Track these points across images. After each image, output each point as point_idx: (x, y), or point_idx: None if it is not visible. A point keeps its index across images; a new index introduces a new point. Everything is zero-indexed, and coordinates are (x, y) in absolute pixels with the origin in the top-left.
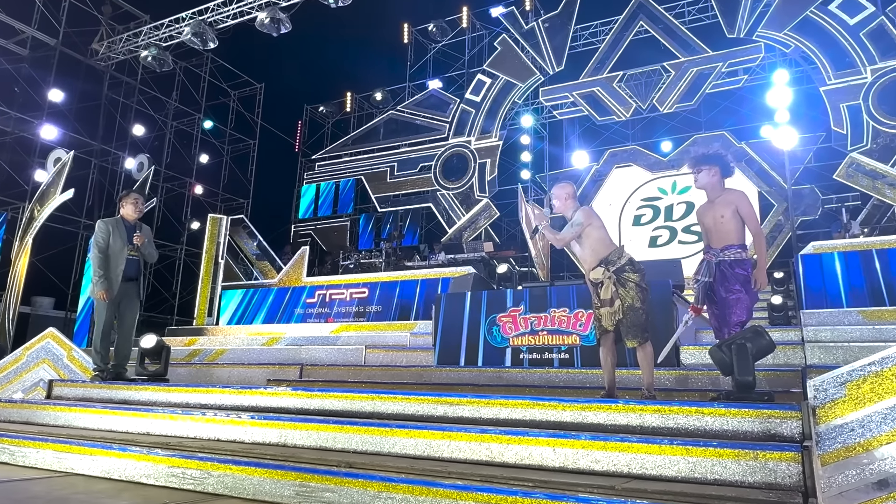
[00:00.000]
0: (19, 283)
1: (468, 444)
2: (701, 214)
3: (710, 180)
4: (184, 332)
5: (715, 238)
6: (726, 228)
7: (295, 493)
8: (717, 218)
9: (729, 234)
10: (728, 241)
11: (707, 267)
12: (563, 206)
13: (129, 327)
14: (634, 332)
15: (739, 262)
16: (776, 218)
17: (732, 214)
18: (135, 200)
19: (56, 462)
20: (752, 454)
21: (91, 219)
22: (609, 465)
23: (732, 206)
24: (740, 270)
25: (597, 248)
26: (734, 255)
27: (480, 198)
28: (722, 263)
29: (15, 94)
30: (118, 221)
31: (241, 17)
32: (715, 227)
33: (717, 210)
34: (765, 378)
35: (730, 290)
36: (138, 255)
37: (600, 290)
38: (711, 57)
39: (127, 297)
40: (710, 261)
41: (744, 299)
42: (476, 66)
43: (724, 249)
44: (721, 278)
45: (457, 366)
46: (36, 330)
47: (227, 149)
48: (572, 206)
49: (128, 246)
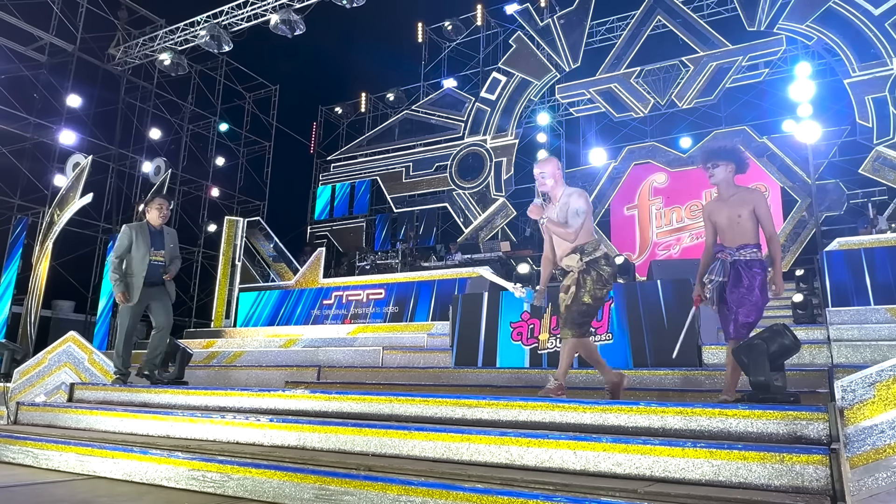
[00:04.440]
0: (40, 286)
1: (487, 447)
2: (712, 212)
3: (725, 176)
4: (202, 334)
5: (729, 237)
6: (743, 228)
7: (314, 496)
8: (734, 217)
9: (745, 234)
10: (744, 241)
11: (722, 266)
12: (556, 185)
13: (163, 325)
14: (572, 325)
15: (756, 262)
16: (800, 214)
17: (749, 215)
18: (160, 206)
19: (79, 465)
20: (779, 457)
21: (110, 222)
22: (631, 469)
23: (750, 206)
24: (757, 270)
25: (580, 235)
26: (750, 254)
27: (497, 197)
28: (738, 263)
29: (34, 100)
30: (143, 226)
31: (256, 20)
32: (730, 226)
33: (732, 209)
34: (791, 378)
35: (743, 290)
36: (164, 260)
37: (566, 279)
38: (731, 51)
39: (155, 299)
40: (725, 260)
41: (756, 300)
42: (491, 65)
43: (740, 249)
44: (735, 278)
45: (475, 367)
46: (57, 333)
47: (242, 151)
48: (562, 185)
49: (152, 251)
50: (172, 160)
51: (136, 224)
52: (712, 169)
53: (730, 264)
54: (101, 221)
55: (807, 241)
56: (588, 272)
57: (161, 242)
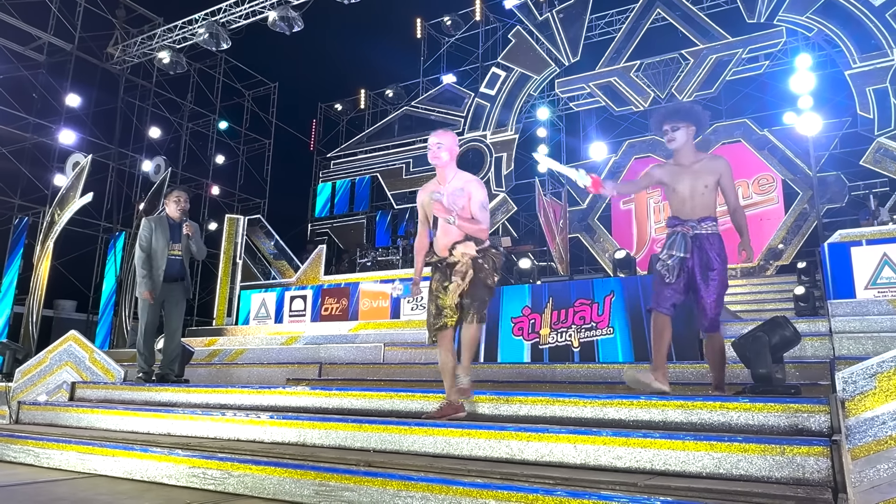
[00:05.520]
0: (41, 286)
1: (488, 442)
2: (672, 179)
3: (687, 140)
4: (203, 332)
5: (689, 208)
6: (706, 200)
7: (314, 493)
8: (698, 187)
9: (708, 206)
10: (706, 213)
11: (683, 240)
12: (450, 162)
13: (174, 329)
14: (479, 307)
15: (717, 238)
16: (801, 206)
17: (714, 185)
18: (176, 198)
19: (80, 463)
20: (779, 449)
21: (110, 222)
22: (631, 462)
23: (716, 175)
24: (719, 245)
25: None
26: (711, 227)
27: (497, 192)
28: (700, 238)
29: (33, 100)
30: (161, 220)
31: (254, 17)
32: (692, 196)
33: (697, 178)
34: (792, 370)
35: (710, 269)
36: (181, 254)
37: (452, 271)
38: (731, 43)
39: (172, 297)
40: (687, 234)
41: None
42: (490, 60)
43: (702, 222)
44: (699, 254)
45: (476, 362)
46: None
47: (242, 149)
48: (454, 166)
49: (170, 244)
50: (172, 159)
51: (155, 217)
52: (672, 132)
53: (691, 238)
54: (101, 221)
55: (808, 233)
56: (485, 258)
57: (179, 235)
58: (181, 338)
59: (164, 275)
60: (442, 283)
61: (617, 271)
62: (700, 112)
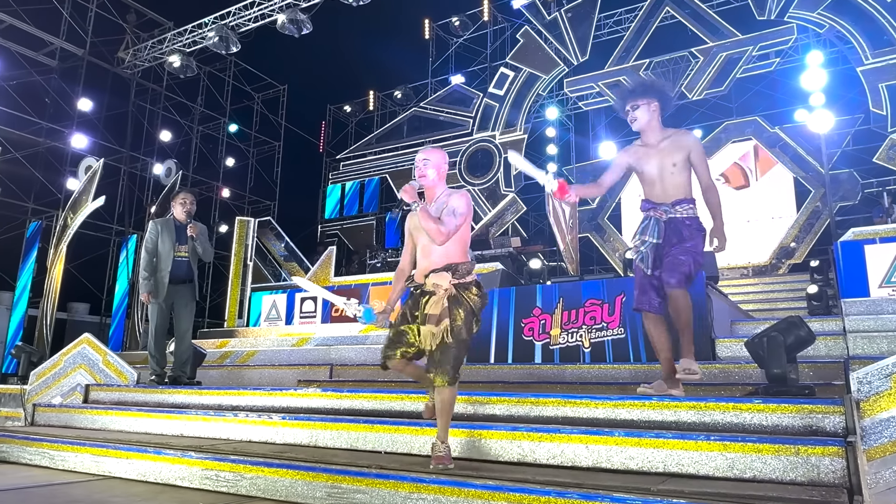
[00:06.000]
0: (55, 289)
1: (499, 443)
2: (639, 161)
3: (650, 118)
4: (215, 334)
5: (660, 190)
6: (677, 180)
7: (326, 495)
8: (667, 167)
9: (680, 187)
10: (679, 195)
11: (656, 225)
12: (437, 182)
13: (184, 331)
14: (449, 367)
15: (694, 221)
16: (813, 204)
17: (684, 163)
18: (182, 200)
19: (94, 465)
20: (794, 449)
21: (122, 225)
22: (644, 463)
23: (685, 151)
24: (697, 229)
25: (453, 249)
26: (688, 210)
27: (507, 192)
28: (674, 221)
29: (46, 104)
30: (168, 222)
31: (263, 20)
32: (661, 177)
33: (665, 157)
34: (805, 370)
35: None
36: (188, 256)
37: (424, 301)
38: (741, 41)
39: (179, 299)
40: (660, 218)
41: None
42: (499, 60)
43: (676, 205)
44: (672, 238)
45: (486, 363)
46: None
47: (252, 151)
48: (444, 185)
49: (176, 246)
50: (183, 162)
51: (162, 220)
52: (633, 112)
53: (664, 223)
54: (113, 224)
55: (821, 231)
56: (459, 301)
57: (186, 237)
58: (192, 339)
59: (171, 276)
60: (412, 311)
61: (627, 271)
62: (661, 86)
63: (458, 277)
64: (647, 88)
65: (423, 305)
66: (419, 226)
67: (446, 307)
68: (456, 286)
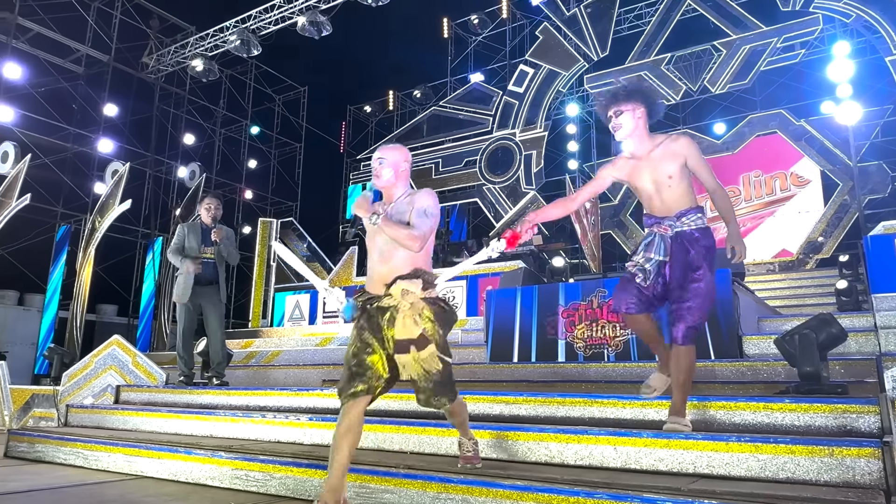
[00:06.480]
0: (84, 291)
1: (526, 444)
2: (630, 175)
3: (636, 125)
4: (240, 334)
5: (660, 204)
6: (677, 192)
7: (355, 494)
8: (662, 179)
9: (682, 197)
10: (683, 205)
11: (662, 242)
12: (396, 183)
13: (214, 331)
14: (447, 389)
15: (704, 232)
16: (842, 198)
17: (681, 171)
18: (207, 205)
19: (127, 465)
20: (828, 450)
21: (148, 227)
22: (673, 464)
23: (680, 159)
24: (706, 242)
25: (421, 254)
26: (695, 221)
27: (527, 190)
28: (681, 235)
29: (73, 110)
30: (195, 225)
31: (283, 23)
32: (659, 192)
33: (658, 168)
34: (836, 368)
35: (692, 272)
36: (214, 258)
37: (385, 319)
38: (765, 32)
39: (207, 300)
40: (665, 234)
41: (709, 288)
42: (518, 57)
43: (682, 216)
44: (680, 255)
45: (510, 362)
46: (102, 336)
47: (273, 153)
48: (405, 186)
49: (202, 248)
50: (206, 164)
51: (189, 223)
52: (616, 119)
53: (671, 239)
54: (139, 227)
55: (849, 225)
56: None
57: (211, 239)
58: (222, 340)
59: (197, 277)
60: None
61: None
62: (646, 89)
63: (426, 289)
64: (630, 92)
65: (386, 326)
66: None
67: (421, 325)
68: (430, 300)
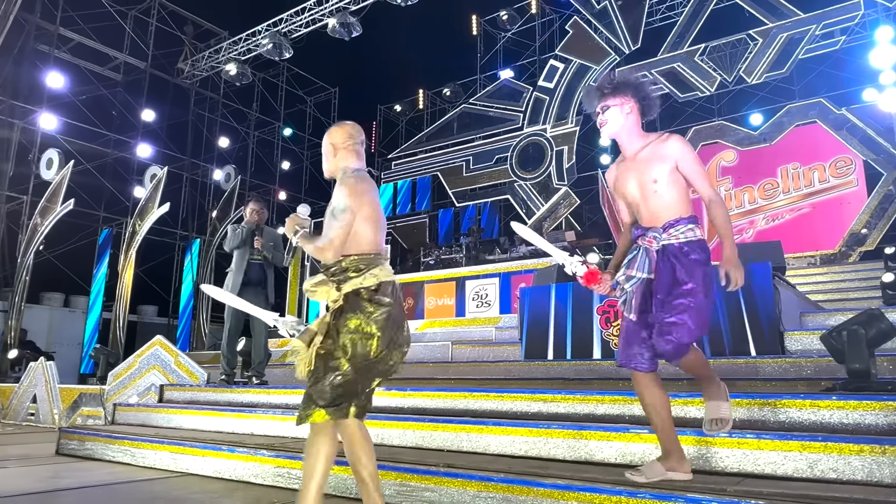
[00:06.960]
0: (126, 293)
1: (565, 441)
2: (618, 181)
3: (624, 122)
4: (277, 333)
5: (646, 213)
6: (664, 200)
7: (396, 493)
8: (647, 184)
9: (671, 205)
10: (671, 215)
11: (645, 256)
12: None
13: (259, 332)
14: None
15: (694, 245)
16: (886, 188)
17: (671, 176)
18: (251, 210)
19: (172, 462)
20: (880, 449)
21: (186, 230)
22: (717, 463)
23: (669, 162)
24: (696, 256)
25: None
26: (685, 233)
27: (559, 186)
28: (668, 250)
29: (113, 117)
30: (244, 228)
31: (314, 25)
32: (644, 198)
33: (642, 171)
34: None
35: (677, 287)
36: (261, 259)
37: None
38: (803, 20)
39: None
40: (650, 247)
41: (695, 306)
42: (548, 52)
43: (668, 228)
44: (666, 271)
45: (544, 359)
46: (143, 336)
47: (306, 154)
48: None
49: (249, 250)
50: (241, 167)
51: (239, 225)
52: (602, 114)
53: (657, 253)
54: (177, 229)
55: (895, 216)
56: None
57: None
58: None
59: (245, 278)
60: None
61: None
62: (636, 81)
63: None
64: (618, 85)
65: None
66: None
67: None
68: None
